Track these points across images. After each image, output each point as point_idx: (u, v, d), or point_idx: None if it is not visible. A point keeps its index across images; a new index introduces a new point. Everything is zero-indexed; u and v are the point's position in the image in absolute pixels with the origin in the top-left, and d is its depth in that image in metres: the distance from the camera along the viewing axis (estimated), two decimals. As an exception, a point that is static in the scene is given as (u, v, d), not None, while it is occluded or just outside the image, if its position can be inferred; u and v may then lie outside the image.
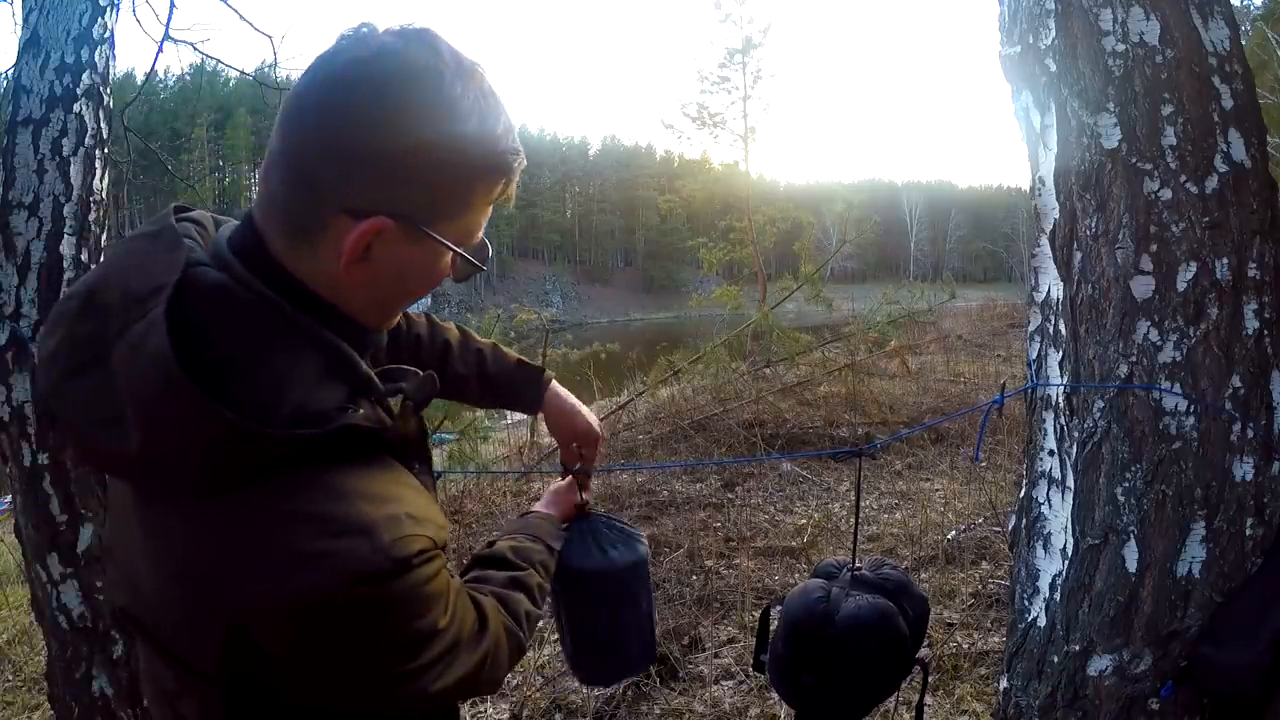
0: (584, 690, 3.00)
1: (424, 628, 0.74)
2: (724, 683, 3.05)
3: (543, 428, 7.78)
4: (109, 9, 2.42)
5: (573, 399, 1.33)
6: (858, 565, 1.65)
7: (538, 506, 1.27)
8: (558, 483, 1.33)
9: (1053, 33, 1.63)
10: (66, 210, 2.27)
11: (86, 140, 2.32)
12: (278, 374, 0.68)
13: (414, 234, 0.71)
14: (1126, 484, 1.54)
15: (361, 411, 0.71)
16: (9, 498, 2.33)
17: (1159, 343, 1.52)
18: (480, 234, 0.79)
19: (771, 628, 1.71)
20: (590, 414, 1.33)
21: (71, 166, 2.29)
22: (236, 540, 0.67)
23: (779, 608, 1.68)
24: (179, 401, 0.63)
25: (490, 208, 0.78)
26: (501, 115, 0.73)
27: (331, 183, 0.68)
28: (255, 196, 0.77)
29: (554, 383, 1.34)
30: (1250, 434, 1.49)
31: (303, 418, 0.67)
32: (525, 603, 1.00)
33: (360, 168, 0.67)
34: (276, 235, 0.72)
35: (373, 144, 0.67)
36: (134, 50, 6.17)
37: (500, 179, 0.75)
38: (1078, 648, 1.60)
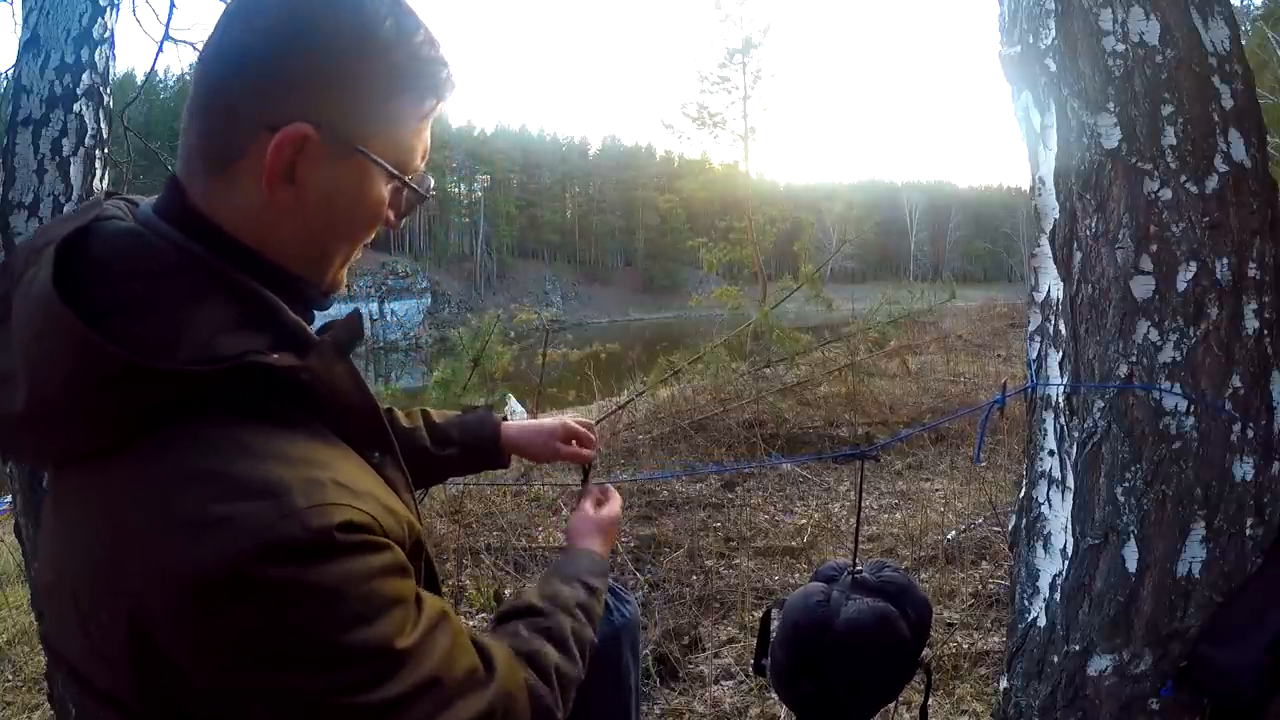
0: (584, 690, 3.00)
1: (368, 641, 0.58)
2: (724, 683, 3.05)
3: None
4: (109, 9, 2.42)
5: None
6: (858, 568, 1.64)
7: (573, 539, 1.09)
8: (583, 506, 1.15)
9: (1053, 33, 1.63)
10: (66, 210, 2.27)
11: (86, 140, 2.33)
12: (180, 319, 0.60)
13: (339, 148, 0.65)
14: (1126, 484, 1.54)
15: (275, 356, 0.61)
16: (9, 498, 2.33)
17: (1159, 343, 1.52)
18: (421, 163, 0.72)
19: (772, 632, 1.70)
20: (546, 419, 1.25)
21: (71, 166, 2.29)
22: (129, 507, 0.57)
23: (779, 611, 1.67)
24: (58, 334, 0.56)
25: (426, 131, 0.72)
26: (421, 26, 0.69)
27: (248, 100, 0.63)
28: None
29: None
30: (1250, 434, 1.49)
31: (201, 358, 0.58)
32: (554, 655, 0.81)
33: (274, 78, 0.63)
34: (196, 182, 0.66)
35: (285, 52, 0.63)
36: (134, 50, 6.18)
37: (427, 89, 0.70)
38: (1078, 648, 1.59)
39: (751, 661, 1.79)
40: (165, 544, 0.55)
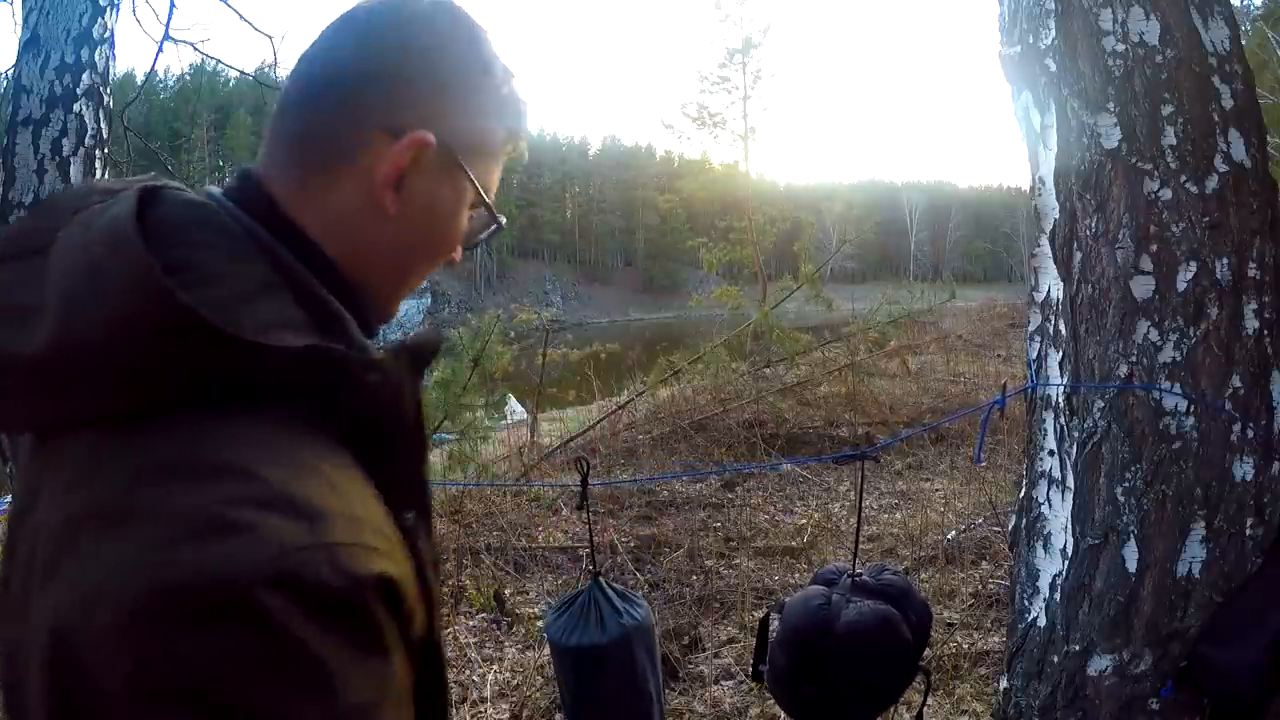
0: (584, 690, 3.00)
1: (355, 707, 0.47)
2: (724, 683, 3.05)
3: (543, 427, 7.79)
4: (109, 9, 2.43)
5: None
6: (858, 571, 1.64)
7: None
8: None
9: (1053, 33, 1.63)
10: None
11: (86, 140, 2.33)
12: (248, 301, 0.53)
13: (449, 164, 0.65)
14: (1126, 484, 1.54)
15: (346, 349, 0.55)
16: (9, 498, 2.33)
17: (1159, 343, 1.52)
18: (493, 196, 0.72)
19: (770, 636, 1.70)
20: None
21: (71, 166, 2.30)
22: (131, 486, 0.47)
23: (778, 616, 1.66)
24: (121, 271, 0.49)
25: (502, 167, 0.73)
26: (512, 67, 0.71)
27: (374, 98, 0.63)
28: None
29: None
30: (1250, 434, 1.49)
31: (270, 339, 0.51)
32: None
33: (406, 83, 0.63)
34: (286, 179, 0.62)
35: (419, 60, 0.64)
36: (134, 50, 6.19)
37: (517, 126, 0.72)
38: (1078, 648, 1.59)
39: (751, 669, 1.78)
40: (161, 537, 0.44)
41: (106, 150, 2.42)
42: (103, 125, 2.39)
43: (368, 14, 0.65)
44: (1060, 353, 1.66)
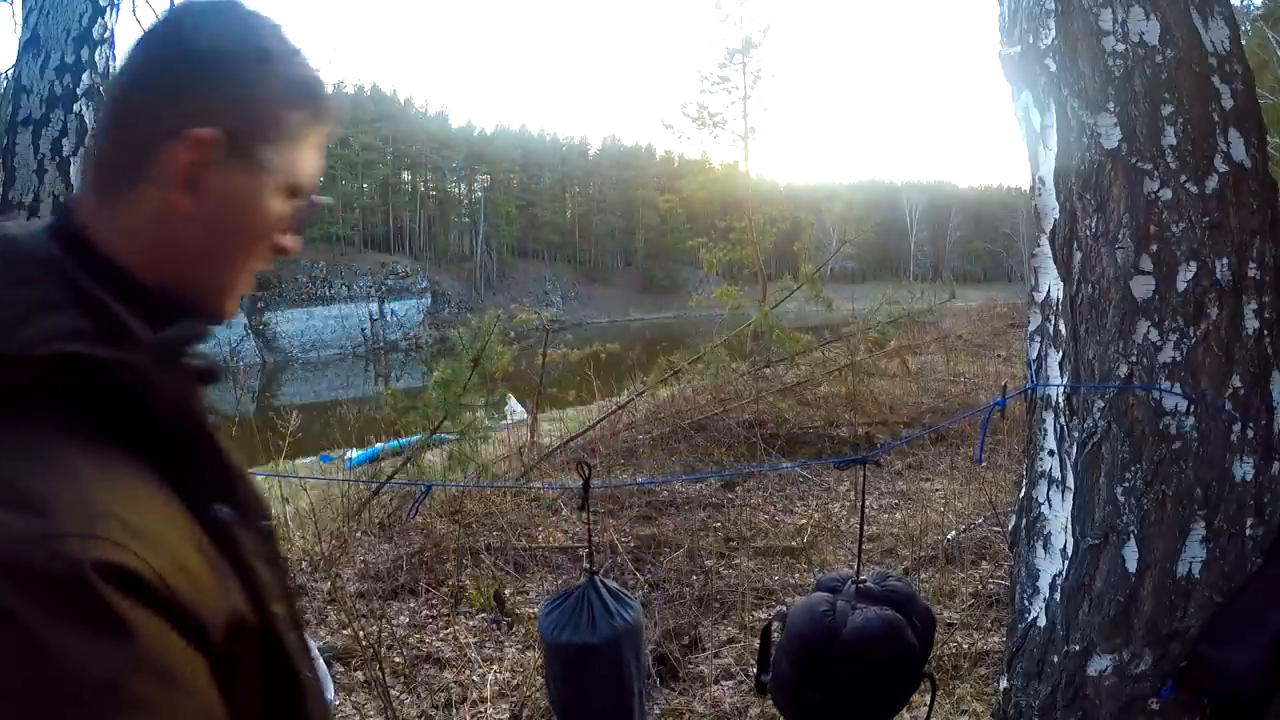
0: (584, 690, 3.00)
1: None
2: (724, 683, 3.05)
3: (543, 427, 7.78)
4: (109, 9, 2.43)
5: None
6: (862, 577, 1.63)
7: None
8: None
9: (1053, 33, 1.63)
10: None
11: (87, 140, 2.33)
12: (27, 321, 0.57)
13: (241, 155, 0.67)
14: (1126, 484, 1.54)
15: (86, 347, 0.57)
16: None
17: (1159, 343, 1.52)
18: (312, 183, 0.75)
19: (773, 646, 1.69)
20: None
21: (72, 166, 2.30)
22: None
23: (780, 624, 1.65)
24: None
25: (316, 151, 0.75)
26: (301, 49, 0.73)
27: (159, 109, 0.66)
28: None
29: None
30: (1250, 434, 1.49)
31: (22, 351, 0.55)
32: None
33: (180, 88, 0.67)
34: (89, 199, 0.67)
35: (189, 65, 0.67)
36: (134, 50, 6.17)
37: (317, 107, 0.73)
38: (1078, 648, 1.59)
39: (753, 668, 1.77)
40: None
41: (106, 150, 2.43)
42: (103, 125, 2.40)
43: (149, 33, 0.70)
44: (1060, 353, 1.66)
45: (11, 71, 2.36)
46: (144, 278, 0.65)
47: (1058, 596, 1.64)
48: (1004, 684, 1.78)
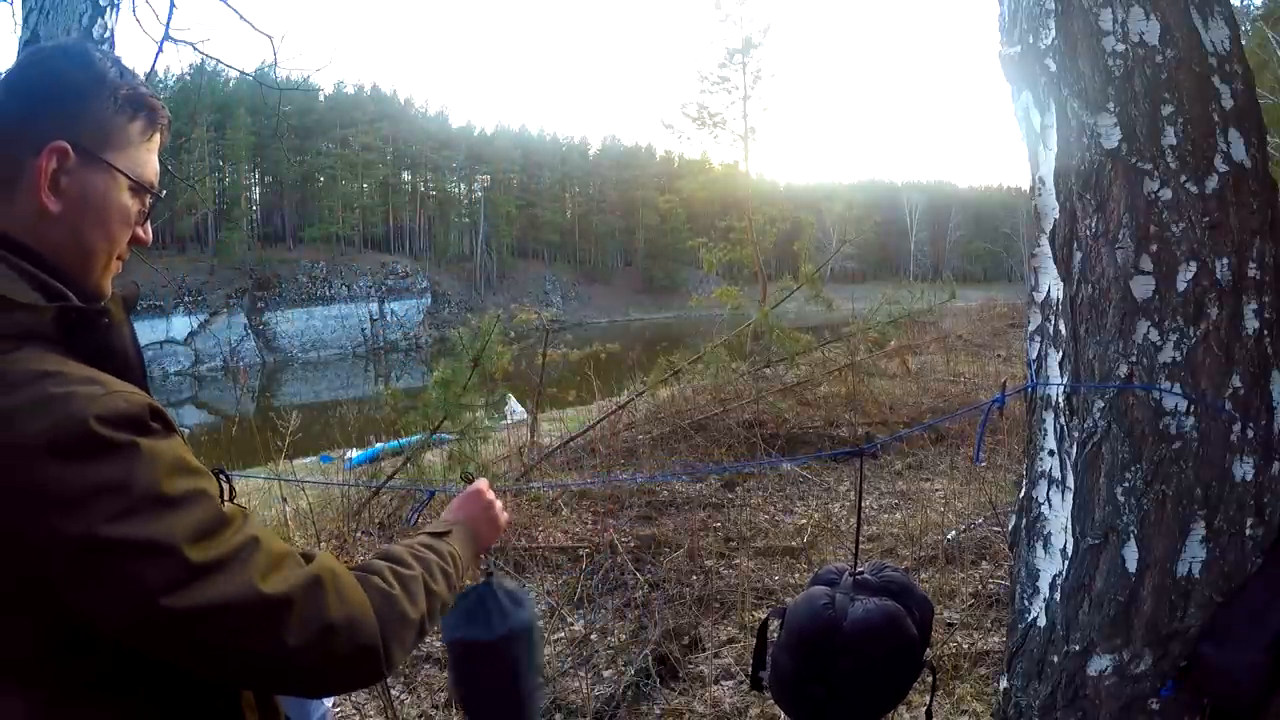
0: (583, 690, 3.00)
1: (194, 489, 0.77)
2: (724, 683, 3.05)
3: (543, 427, 7.78)
4: (109, 9, 2.42)
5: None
6: (859, 569, 1.63)
7: (454, 514, 1.16)
8: (478, 485, 1.22)
9: (1053, 33, 1.63)
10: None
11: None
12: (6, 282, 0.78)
13: (91, 161, 0.86)
14: (1126, 484, 1.54)
15: (80, 303, 0.82)
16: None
17: (1159, 343, 1.52)
18: (154, 179, 0.94)
19: (770, 641, 1.68)
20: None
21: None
22: None
23: (777, 620, 1.65)
24: None
25: (153, 152, 0.94)
26: (137, 76, 0.93)
27: (26, 130, 0.85)
28: None
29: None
30: (1250, 434, 1.49)
31: (30, 303, 0.78)
32: (394, 581, 0.90)
33: (34, 112, 0.86)
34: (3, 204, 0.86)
35: (41, 93, 0.86)
36: (134, 50, 6.18)
37: (150, 118, 0.93)
38: (1078, 648, 1.60)
39: (750, 678, 1.76)
40: (16, 420, 0.70)
41: (106, 150, 2.43)
42: (103, 125, 2.39)
43: (9, 73, 0.90)
44: (1060, 353, 1.66)
45: (11, 71, 2.36)
46: (48, 261, 0.84)
47: (1058, 596, 1.64)
48: (1004, 684, 1.78)
